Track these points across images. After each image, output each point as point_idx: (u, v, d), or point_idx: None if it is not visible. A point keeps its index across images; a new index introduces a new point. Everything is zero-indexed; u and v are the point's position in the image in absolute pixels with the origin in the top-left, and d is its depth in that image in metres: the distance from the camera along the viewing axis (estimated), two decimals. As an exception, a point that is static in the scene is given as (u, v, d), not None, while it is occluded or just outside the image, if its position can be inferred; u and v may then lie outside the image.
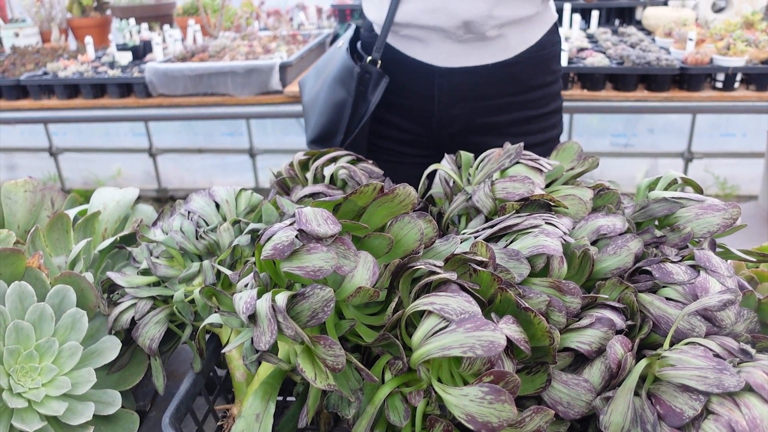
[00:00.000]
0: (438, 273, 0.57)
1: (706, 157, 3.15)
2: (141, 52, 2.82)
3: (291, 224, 0.58)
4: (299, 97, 2.47)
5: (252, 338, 0.56)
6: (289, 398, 0.84)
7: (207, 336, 0.81)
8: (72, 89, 2.53)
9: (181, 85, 2.37)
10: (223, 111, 2.48)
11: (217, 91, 2.39)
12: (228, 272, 0.69)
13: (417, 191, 0.89)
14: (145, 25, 3.00)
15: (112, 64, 2.66)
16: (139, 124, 3.47)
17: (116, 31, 3.02)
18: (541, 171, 0.80)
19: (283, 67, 2.34)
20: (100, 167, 3.90)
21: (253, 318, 0.55)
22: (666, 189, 0.80)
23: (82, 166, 3.91)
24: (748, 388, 0.50)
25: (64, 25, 3.27)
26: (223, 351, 0.63)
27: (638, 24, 3.05)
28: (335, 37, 3.08)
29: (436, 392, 0.54)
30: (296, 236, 0.56)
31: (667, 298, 0.61)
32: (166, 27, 2.98)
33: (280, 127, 3.58)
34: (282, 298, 0.54)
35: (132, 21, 2.95)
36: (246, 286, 0.61)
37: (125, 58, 2.68)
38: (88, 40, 2.82)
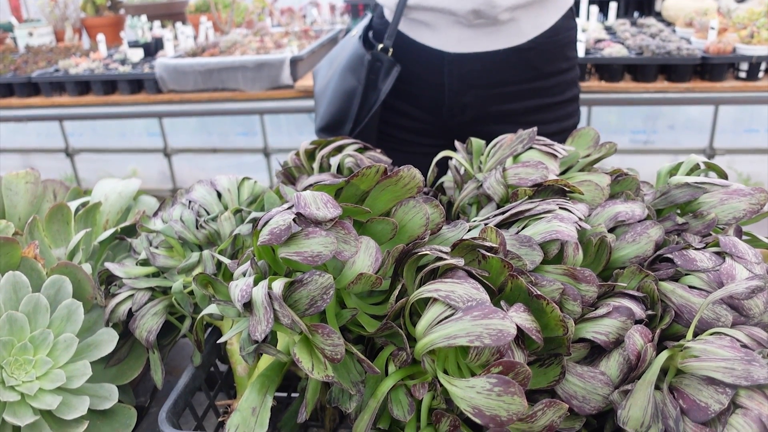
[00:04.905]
0: (444, 259, 0.53)
1: (728, 153, 3.07)
2: (153, 49, 2.82)
3: (289, 208, 0.55)
4: (311, 92, 2.45)
5: (248, 328, 0.53)
6: (294, 395, 0.81)
7: (209, 329, 0.78)
8: (83, 86, 2.53)
9: (191, 80, 2.36)
10: (234, 106, 2.46)
11: (227, 86, 2.37)
12: (227, 261, 0.66)
13: (426, 180, 0.85)
14: (157, 23, 3.00)
15: (123, 61, 2.66)
16: (153, 125, 3.46)
17: (129, 28, 3.03)
18: (555, 156, 0.76)
19: (294, 62, 2.32)
20: (116, 167, 3.91)
21: (248, 306, 0.52)
22: (688, 174, 0.76)
23: (97, 167, 3.92)
24: (780, 381, 0.46)
25: (78, 25, 3.28)
26: (219, 341, 0.60)
27: (658, 15, 2.98)
28: (347, 32, 3.06)
29: (441, 384, 0.51)
30: (294, 220, 0.53)
31: (690, 287, 0.57)
32: (178, 24, 2.98)
33: (294, 125, 3.56)
34: (279, 285, 0.51)
35: (144, 18, 2.94)
36: (244, 274, 0.59)
37: (137, 55, 2.67)
38: (100, 37, 2.82)
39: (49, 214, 0.85)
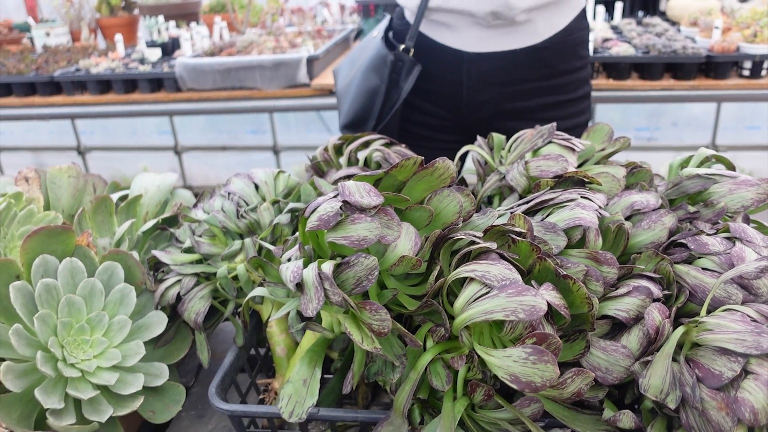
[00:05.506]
0: (478, 243, 0.58)
1: (730, 150, 3.10)
2: (170, 48, 2.88)
3: (335, 196, 0.60)
4: (326, 90, 2.50)
5: (299, 306, 0.58)
6: (326, 375, 0.86)
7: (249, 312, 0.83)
8: (104, 85, 2.59)
9: (210, 79, 2.41)
10: (251, 105, 2.51)
11: (245, 85, 2.42)
12: (271, 247, 0.71)
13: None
14: (173, 23, 3.05)
15: (142, 61, 2.71)
16: (164, 123, 3.51)
17: (145, 27, 3.08)
18: (573, 150, 0.81)
19: (310, 61, 2.37)
20: (127, 165, 3.96)
21: (300, 286, 0.57)
22: (698, 167, 0.80)
23: (109, 164, 3.97)
24: (787, 350, 0.51)
25: (93, 25, 3.33)
26: (269, 319, 0.65)
27: (662, 15, 3.03)
28: (359, 33, 3.10)
29: (478, 356, 0.56)
30: (340, 208, 0.58)
31: (703, 268, 0.62)
32: (193, 24, 3.03)
33: (303, 123, 3.60)
34: (328, 266, 0.56)
35: (161, 18, 3.00)
36: (290, 258, 0.64)
37: (154, 54, 2.73)
38: (118, 37, 2.88)
39: (94, 206, 0.90)
